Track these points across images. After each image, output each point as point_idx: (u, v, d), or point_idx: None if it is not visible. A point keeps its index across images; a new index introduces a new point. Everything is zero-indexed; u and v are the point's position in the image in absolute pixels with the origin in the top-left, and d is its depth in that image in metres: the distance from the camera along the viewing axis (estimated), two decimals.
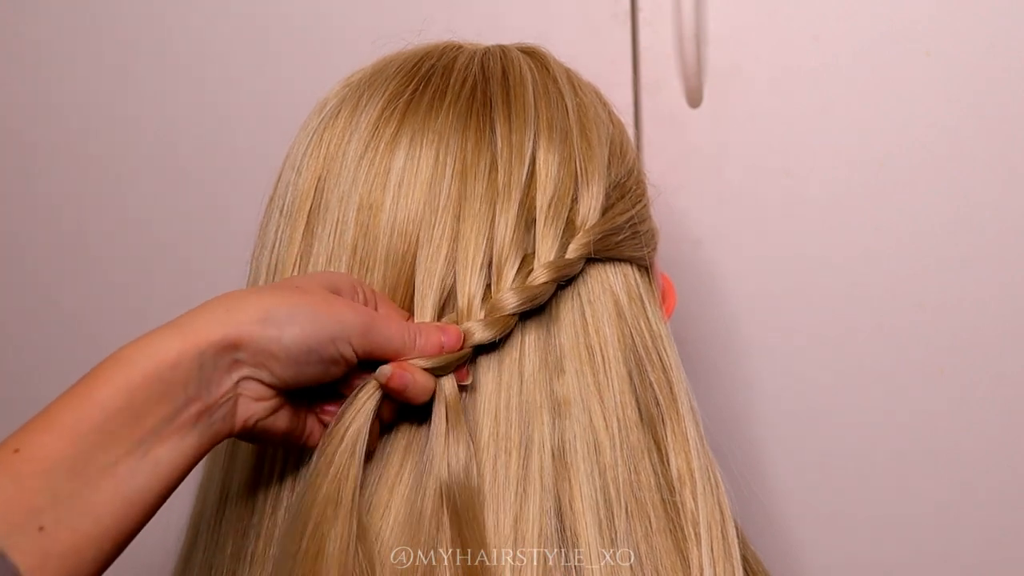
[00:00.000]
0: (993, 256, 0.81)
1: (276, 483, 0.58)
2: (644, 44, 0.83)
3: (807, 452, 0.86)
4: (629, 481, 0.57)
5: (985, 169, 0.80)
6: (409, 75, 0.63)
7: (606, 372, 0.59)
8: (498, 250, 0.58)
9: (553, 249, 0.58)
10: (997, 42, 0.78)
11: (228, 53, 0.89)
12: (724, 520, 0.59)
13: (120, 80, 0.91)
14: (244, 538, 0.59)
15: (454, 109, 0.61)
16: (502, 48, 0.66)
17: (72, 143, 0.93)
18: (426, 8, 0.83)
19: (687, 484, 0.59)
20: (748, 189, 0.83)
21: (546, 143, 0.60)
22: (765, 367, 0.86)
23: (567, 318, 0.59)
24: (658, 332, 0.62)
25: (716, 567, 0.57)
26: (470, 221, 0.58)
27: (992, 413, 0.83)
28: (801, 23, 0.80)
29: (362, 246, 0.59)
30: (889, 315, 0.83)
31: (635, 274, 0.62)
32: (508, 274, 0.57)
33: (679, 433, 0.60)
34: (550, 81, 0.64)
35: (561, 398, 0.58)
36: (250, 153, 0.88)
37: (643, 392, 0.60)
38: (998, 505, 0.84)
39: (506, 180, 0.59)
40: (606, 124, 0.64)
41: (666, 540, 0.57)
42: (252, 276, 0.63)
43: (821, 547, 0.87)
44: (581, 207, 0.60)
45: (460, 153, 0.59)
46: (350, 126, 0.61)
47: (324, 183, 0.61)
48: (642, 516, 0.57)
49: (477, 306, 0.57)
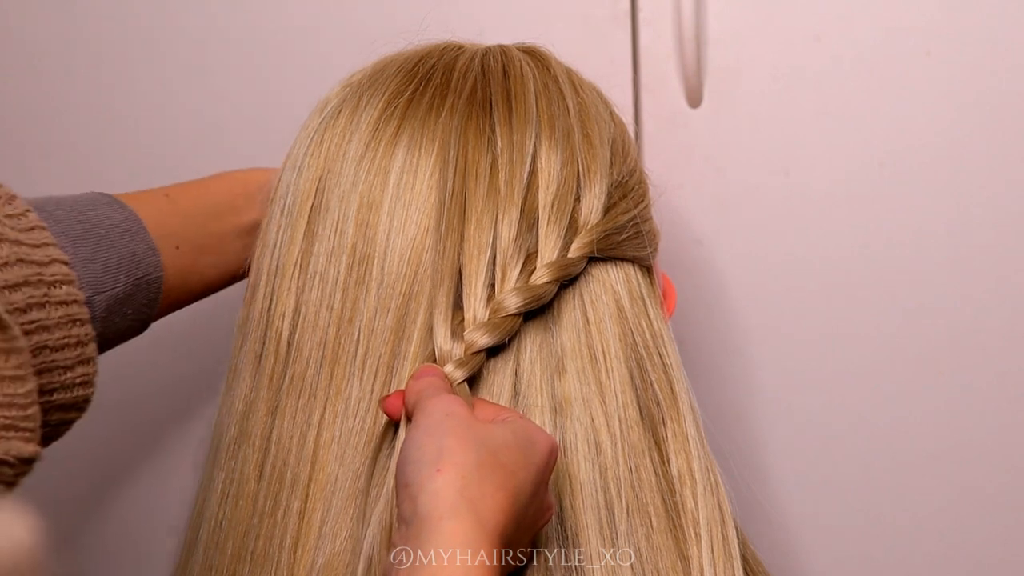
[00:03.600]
0: (993, 256, 0.81)
1: (276, 483, 0.58)
2: (644, 44, 0.83)
3: (807, 452, 0.86)
4: (630, 481, 0.57)
5: (985, 169, 0.80)
6: (410, 75, 0.63)
7: (608, 372, 0.59)
8: (502, 250, 0.57)
9: (556, 248, 0.58)
10: (997, 42, 0.78)
11: (228, 53, 0.89)
12: (724, 520, 0.59)
13: (120, 79, 0.91)
14: (245, 538, 0.59)
15: (455, 109, 0.60)
16: (502, 48, 0.66)
17: (72, 143, 0.93)
18: (426, 8, 0.83)
19: (687, 484, 0.59)
20: (748, 189, 0.83)
21: (548, 142, 0.60)
22: (764, 367, 0.86)
23: (568, 318, 0.59)
24: (659, 332, 0.62)
25: (716, 567, 0.57)
26: (474, 221, 0.58)
27: (992, 413, 0.83)
28: (801, 23, 0.80)
29: (361, 246, 0.59)
30: (889, 315, 0.83)
31: (637, 274, 0.62)
32: (511, 274, 0.57)
33: (680, 433, 0.59)
34: (551, 81, 0.64)
35: (562, 398, 0.58)
36: (250, 153, 0.88)
37: (644, 392, 0.59)
38: (999, 505, 0.84)
39: (508, 180, 0.59)
40: (608, 123, 0.64)
41: (666, 540, 0.57)
42: (253, 278, 0.63)
43: (820, 547, 0.87)
44: (584, 206, 0.60)
45: (461, 153, 0.59)
46: (350, 126, 0.61)
47: (325, 183, 0.61)
48: (643, 516, 0.57)
49: (482, 309, 0.57)
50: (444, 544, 0.45)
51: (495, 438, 0.50)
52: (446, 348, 0.55)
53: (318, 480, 0.57)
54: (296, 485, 0.58)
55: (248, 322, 0.62)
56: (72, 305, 0.55)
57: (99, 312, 0.58)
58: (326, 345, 0.59)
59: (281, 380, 0.60)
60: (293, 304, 0.60)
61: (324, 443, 0.58)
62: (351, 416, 0.58)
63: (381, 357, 0.57)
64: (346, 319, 0.58)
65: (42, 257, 0.54)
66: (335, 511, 0.56)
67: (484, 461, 0.48)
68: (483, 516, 0.47)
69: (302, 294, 0.60)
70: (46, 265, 0.54)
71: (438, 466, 0.48)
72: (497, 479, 0.48)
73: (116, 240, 0.60)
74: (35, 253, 0.53)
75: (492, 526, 0.47)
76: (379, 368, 0.57)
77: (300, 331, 0.59)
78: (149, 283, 0.62)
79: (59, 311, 0.54)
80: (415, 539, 0.46)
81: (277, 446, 0.59)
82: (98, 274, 0.58)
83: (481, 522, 0.47)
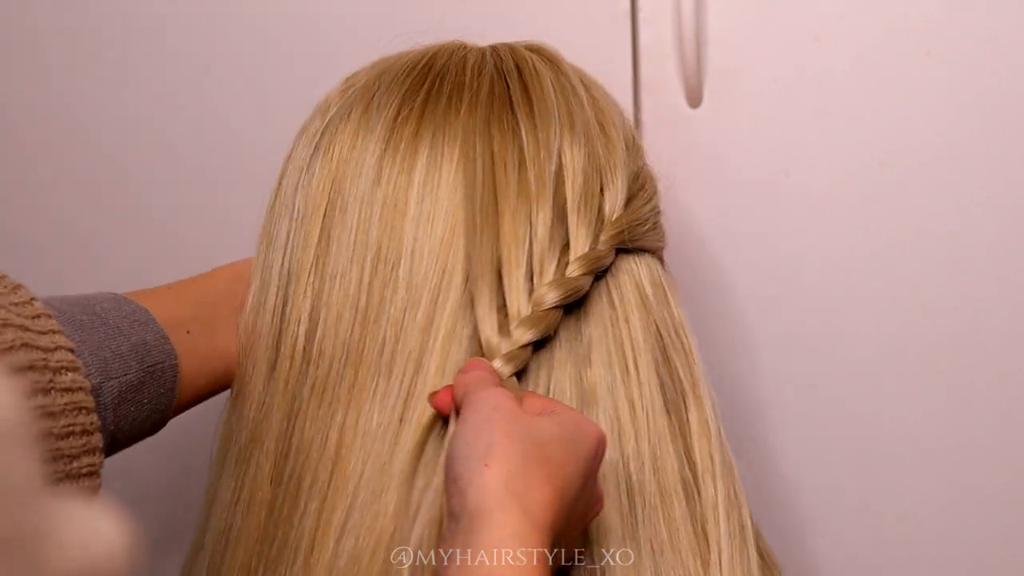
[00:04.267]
0: (993, 256, 0.81)
1: (294, 487, 0.58)
2: (644, 44, 0.82)
3: (805, 451, 0.86)
4: (653, 467, 0.58)
5: (985, 169, 0.80)
6: (421, 75, 0.63)
7: (635, 360, 0.59)
8: (539, 243, 0.58)
9: (588, 241, 0.59)
10: (997, 42, 0.78)
11: (227, 53, 0.89)
12: (740, 504, 0.60)
13: (119, 79, 0.91)
14: (259, 544, 0.58)
15: (475, 106, 0.61)
16: (509, 46, 0.66)
17: (72, 143, 0.93)
18: (425, 8, 0.83)
19: (708, 468, 0.60)
20: (748, 189, 0.83)
21: (570, 137, 0.61)
22: (764, 367, 0.86)
23: (595, 309, 0.60)
24: (680, 320, 0.63)
25: (733, 548, 0.58)
26: (508, 215, 0.58)
27: (992, 413, 0.83)
28: (801, 23, 0.80)
29: (387, 244, 0.59)
30: (888, 315, 0.83)
31: (656, 264, 0.63)
32: (549, 268, 0.58)
33: (701, 418, 0.61)
34: (563, 76, 0.65)
35: (588, 388, 0.58)
36: (250, 152, 0.88)
37: (668, 379, 0.60)
38: (999, 505, 0.84)
39: (538, 175, 0.59)
40: (620, 117, 0.66)
41: (687, 524, 0.58)
42: (261, 278, 0.63)
43: (819, 547, 0.87)
44: (608, 199, 0.61)
45: (487, 149, 0.60)
46: (363, 128, 0.61)
47: (340, 185, 0.60)
48: (665, 501, 0.58)
49: (525, 302, 0.57)
50: (493, 537, 0.46)
51: (542, 431, 0.50)
52: (494, 342, 0.56)
53: (338, 479, 0.57)
54: (315, 485, 0.57)
55: (256, 329, 0.62)
56: (78, 392, 0.53)
57: (110, 399, 0.56)
58: (350, 346, 0.58)
59: (298, 385, 0.59)
60: (309, 308, 0.60)
61: (346, 443, 0.57)
62: (377, 413, 0.57)
63: (411, 354, 0.57)
64: (371, 318, 0.58)
65: (48, 343, 0.52)
66: (360, 507, 0.56)
67: (530, 454, 0.49)
68: (530, 509, 0.47)
69: (319, 297, 0.60)
70: (51, 351, 0.52)
71: (486, 461, 0.48)
72: (544, 472, 0.49)
73: (125, 329, 0.58)
74: (41, 339, 0.52)
75: (540, 519, 0.47)
76: (408, 364, 0.57)
77: (321, 334, 0.59)
78: (164, 371, 0.60)
79: (64, 397, 0.52)
80: (464, 533, 0.47)
81: (297, 451, 0.58)
82: (108, 361, 0.56)
83: (529, 515, 0.47)
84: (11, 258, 0.95)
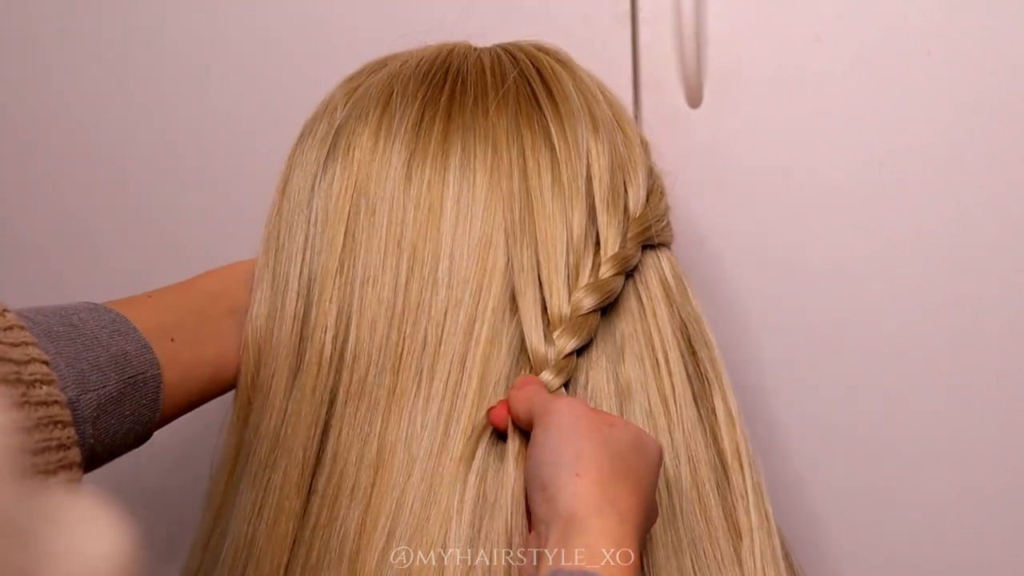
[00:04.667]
0: (993, 256, 0.81)
1: (333, 493, 0.57)
2: (644, 44, 0.82)
3: (805, 451, 0.86)
4: (688, 459, 0.59)
5: (985, 169, 0.80)
6: (439, 77, 0.63)
7: (665, 354, 0.60)
8: (575, 245, 0.58)
9: (617, 241, 0.60)
10: (997, 42, 0.78)
11: (227, 53, 0.89)
12: (762, 489, 0.61)
13: (119, 79, 0.91)
14: (292, 553, 0.57)
15: (503, 106, 0.61)
16: (518, 46, 0.66)
17: (72, 143, 0.93)
18: (425, 8, 0.83)
19: (735, 457, 0.61)
20: (748, 189, 0.83)
21: (594, 135, 0.61)
22: (764, 367, 0.86)
23: (624, 305, 0.60)
24: (699, 312, 0.64)
25: (763, 536, 0.59)
26: (545, 216, 0.58)
27: (992, 413, 0.83)
28: (802, 23, 0.80)
29: (423, 246, 0.58)
30: (889, 315, 0.83)
31: (674, 258, 0.64)
32: (584, 271, 0.58)
33: (725, 407, 0.62)
34: (578, 77, 0.65)
35: (624, 384, 0.58)
36: (249, 152, 0.88)
37: (695, 370, 0.61)
38: (999, 505, 0.84)
39: (571, 174, 0.59)
40: (631, 115, 0.67)
41: (719, 514, 0.59)
42: (273, 285, 0.62)
43: (819, 547, 0.87)
44: (631, 196, 0.61)
45: (519, 149, 0.60)
46: (385, 131, 0.60)
47: (363, 189, 0.60)
48: (701, 492, 0.59)
49: (566, 307, 0.57)
50: (591, 540, 0.47)
51: (621, 442, 0.52)
52: (541, 351, 0.56)
53: (382, 484, 0.56)
54: (356, 491, 0.56)
55: (273, 337, 0.61)
56: (53, 406, 0.51)
57: (88, 412, 0.53)
58: (387, 350, 0.58)
59: (330, 393, 0.58)
60: (335, 313, 0.59)
61: (389, 446, 0.57)
62: (421, 416, 0.57)
63: (455, 355, 0.57)
64: (409, 321, 0.58)
65: (20, 356, 0.50)
66: (409, 512, 0.55)
67: (616, 465, 0.50)
68: (625, 515, 0.49)
69: (348, 302, 0.59)
70: (25, 364, 0.50)
71: (577, 470, 0.49)
72: (629, 482, 0.50)
73: (104, 340, 0.56)
74: (13, 352, 0.50)
75: (632, 525, 0.49)
76: (452, 366, 0.57)
77: (354, 339, 0.58)
78: (146, 381, 0.57)
79: (38, 411, 0.50)
80: (558, 538, 0.48)
81: (334, 458, 0.57)
82: (85, 373, 0.54)
83: (624, 520, 0.49)
84: (11, 258, 0.95)
